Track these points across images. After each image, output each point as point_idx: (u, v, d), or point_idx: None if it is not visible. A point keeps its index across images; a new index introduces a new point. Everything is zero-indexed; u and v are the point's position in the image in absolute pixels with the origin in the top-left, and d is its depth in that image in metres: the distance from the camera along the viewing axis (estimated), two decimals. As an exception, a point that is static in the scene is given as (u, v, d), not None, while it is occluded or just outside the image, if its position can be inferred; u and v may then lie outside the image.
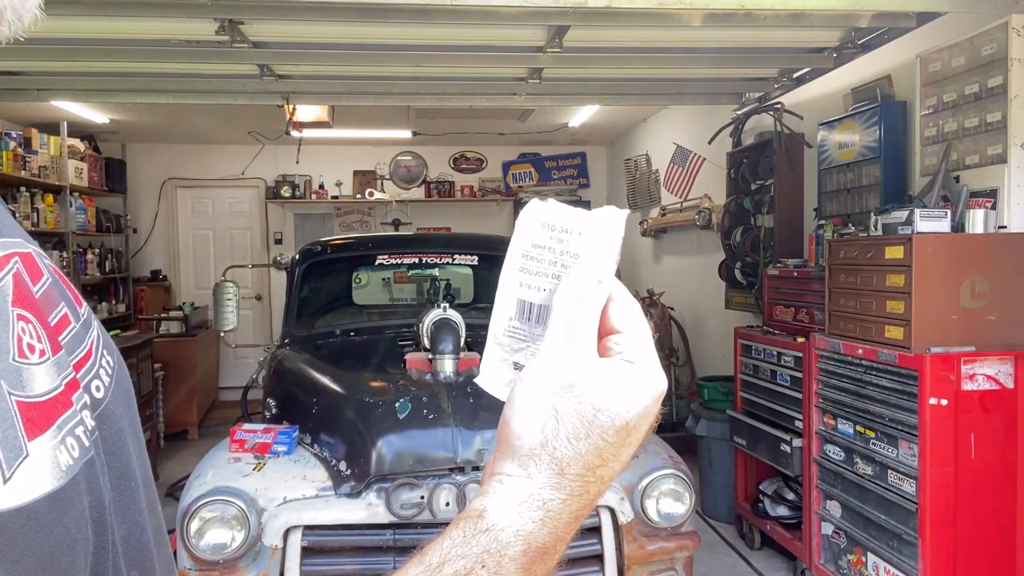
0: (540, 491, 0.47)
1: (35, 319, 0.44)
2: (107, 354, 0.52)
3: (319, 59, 3.96)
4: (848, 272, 3.25)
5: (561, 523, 0.47)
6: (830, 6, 3.04)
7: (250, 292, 8.15)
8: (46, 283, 0.47)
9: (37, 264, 0.47)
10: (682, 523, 2.61)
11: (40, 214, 6.11)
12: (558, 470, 0.48)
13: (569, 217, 0.52)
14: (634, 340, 0.50)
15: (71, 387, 0.45)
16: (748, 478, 4.34)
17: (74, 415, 0.44)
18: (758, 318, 4.67)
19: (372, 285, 4.87)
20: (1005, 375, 2.84)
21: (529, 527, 0.47)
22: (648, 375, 0.50)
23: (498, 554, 0.46)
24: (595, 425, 0.48)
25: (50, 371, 0.43)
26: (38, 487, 0.39)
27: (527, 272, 0.52)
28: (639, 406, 0.49)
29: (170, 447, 6.45)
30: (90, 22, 3.26)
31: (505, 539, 0.46)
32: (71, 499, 0.41)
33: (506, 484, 0.48)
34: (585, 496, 0.48)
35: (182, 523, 2.36)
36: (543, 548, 0.47)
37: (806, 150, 4.46)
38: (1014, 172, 2.99)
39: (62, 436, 0.42)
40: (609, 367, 0.49)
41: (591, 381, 0.49)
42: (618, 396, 0.48)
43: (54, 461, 0.41)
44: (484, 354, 0.54)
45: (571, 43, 3.59)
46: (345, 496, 2.45)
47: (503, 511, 0.47)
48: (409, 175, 8.35)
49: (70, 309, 0.48)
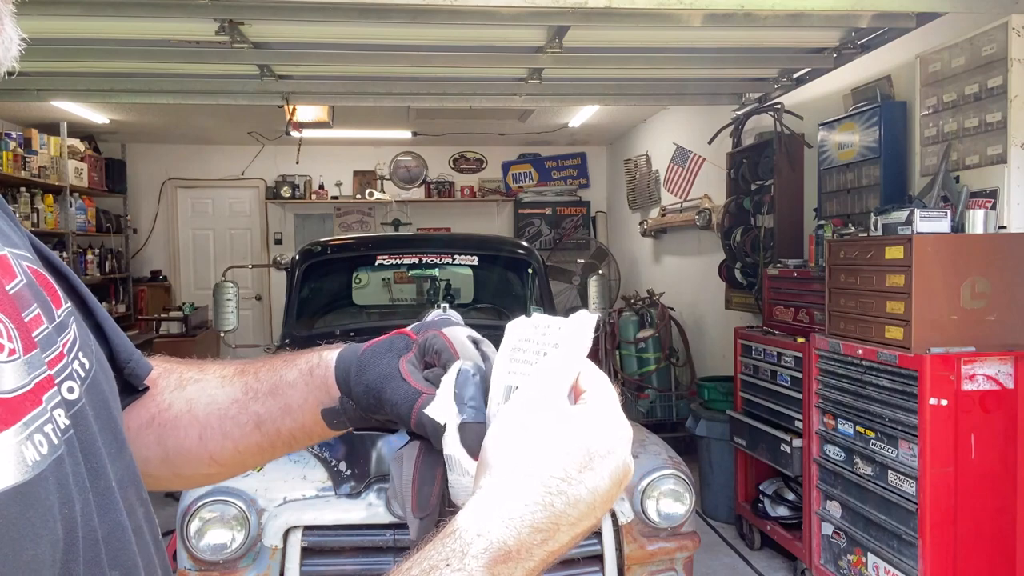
0: (505, 494, 0.50)
1: (7, 317, 0.44)
2: (82, 357, 0.53)
3: (319, 59, 3.96)
4: (848, 272, 3.25)
5: (524, 528, 0.49)
6: (830, 6, 3.04)
7: (250, 292, 8.15)
8: (19, 284, 0.48)
9: (11, 265, 0.48)
10: (682, 523, 2.61)
11: (40, 214, 6.11)
12: (524, 475, 0.51)
13: (550, 319, 0.60)
14: (599, 396, 0.56)
15: (43, 386, 0.45)
16: (748, 478, 4.34)
17: (43, 412, 0.44)
18: (758, 318, 4.67)
19: (372, 285, 4.88)
20: (1005, 375, 2.84)
21: (490, 526, 0.49)
22: (611, 419, 0.54)
23: (461, 552, 0.47)
24: (558, 444, 0.52)
25: (19, 369, 0.44)
26: (2, 480, 0.40)
27: (515, 361, 0.59)
28: (601, 438, 0.53)
29: (170, 447, 6.44)
30: (90, 22, 3.26)
31: (468, 538, 0.48)
32: (37, 494, 0.42)
33: (476, 495, 0.51)
34: (550, 508, 0.50)
35: (182, 523, 2.36)
36: (505, 549, 0.48)
37: (806, 150, 4.46)
38: (1014, 172, 2.99)
39: (29, 432, 0.42)
40: (575, 409, 0.55)
41: (558, 415, 0.53)
42: (580, 425, 0.53)
43: (19, 456, 0.41)
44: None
45: (571, 43, 3.59)
46: (345, 496, 2.45)
47: (469, 515, 0.50)
48: (409, 175, 8.35)
49: (44, 311, 0.49)
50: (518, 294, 4.14)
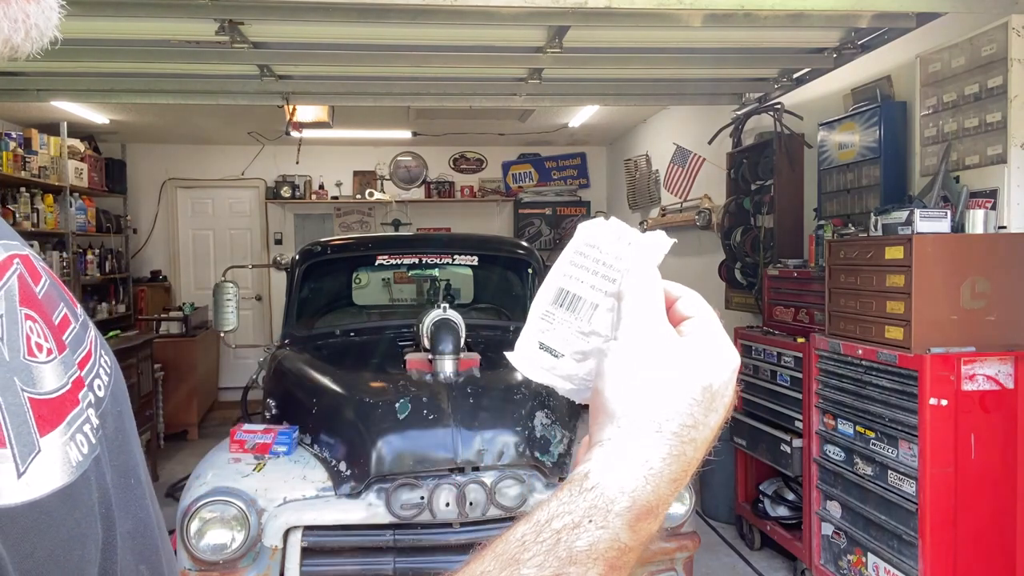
0: (642, 449, 0.49)
1: (41, 319, 0.45)
2: (104, 354, 0.53)
3: (319, 59, 3.96)
4: (848, 272, 3.25)
5: (663, 482, 0.49)
6: (830, 6, 3.04)
7: (250, 292, 8.15)
8: (46, 284, 0.48)
9: (35, 266, 0.47)
10: (682, 523, 2.61)
11: (40, 214, 6.11)
12: (656, 428, 0.50)
13: (624, 229, 0.57)
14: (705, 323, 0.54)
15: (77, 385, 0.45)
16: (748, 478, 4.34)
17: (81, 413, 0.45)
18: (758, 318, 4.67)
19: (372, 285, 4.87)
20: (1005, 375, 2.84)
21: (632, 484, 0.48)
22: (723, 349, 0.53)
23: (604, 510, 0.47)
24: (683, 388, 0.50)
25: (57, 369, 0.44)
26: (50, 482, 0.40)
27: (575, 266, 0.57)
28: (719, 372, 0.52)
29: (170, 447, 6.45)
30: (90, 22, 3.26)
31: (611, 495, 0.48)
32: (81, 494, 0.42)
33: (607, 447, 0.50)
34: (682, 458, 0.49)
35: (182, 523, 2.36)
36: (647, 506, 0.48)
37: (806, 150, 4.46)
38: (1014, 172, 2.99)
39: (71, 433, 0.43)
40: (688, 341, 0.53)
41: (674, 352, 0.52)
42: (700, 363, 0.51)
43: (65, 457, 0.41)
44: (522, 331, 0.58)
45: (571, 43, 3.59)
46: (345, 496, 2.44)
47: (607, 470, 0.49)
48: (409, 175, 8.35)
49: (69, 310, 0.49)
50: (518, 294, 4.14)
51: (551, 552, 0.46)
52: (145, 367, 5.85)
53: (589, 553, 0.46)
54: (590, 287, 0.56)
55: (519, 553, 0.46)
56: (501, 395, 2.71)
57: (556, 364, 0.57)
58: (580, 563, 0.46)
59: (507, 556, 0.47)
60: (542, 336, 0.57)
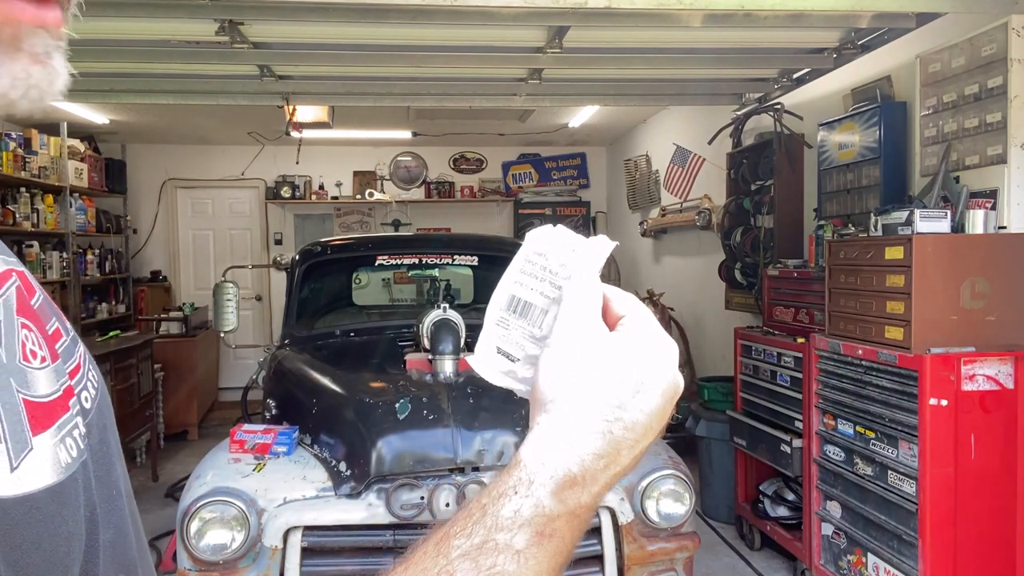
0: (565, 428, 0.52)
1: (36, 328, 0.47)
2: (92, 369, 0.55)
3: (319, 60, 3.96)
4: (848, 273, 3.25)
5: (587, 456, 0.51)
6: (830, 6, 3.04)
7: (250, 292, 8.15)
8: (40, 299, 0.50)
9: (30, 282, 0.50)
10: (682, 523, 2.61)
11: (40, 215, 6.11)
12: (579, 408, 0.53)
13: (569, 236, 0.60)
14: (635, 319, 0.57)
15: (68, 393, 0.48)
16: (748, 479, 4.34)
17: (71, 419, 0.47)
18: (758, 318, 4.67)
19: (372, 286, 4.87)
20: (1005, 375, 2.84)
21: (554, 456, 0.51)
22: (653, 339, 0.56)
23: (527, 481, 0.51)
24: (607, 373, 0.53)
25: (50, 376, 0.46)
26: (42, 479, 0.42)
27: (524, 273, 0.59)
28: (645, 359, 0.54)
29: (170, 447, 6.45)
30: (90, 22, 3.26)
31: (533, 467, 0.51)
32: (69, 495, 0.44)
33: (535, 431, 0.54)
34: (608, 436, 0.52)
35: (182, 524, 2.36)
36: (570, 476, 0.51)
37: (806, 150, 4.46)
38: (1014, 172, 2.99)
39: (62, 436, 0.45)
40: (617, 335, 0.56)
41: (601, 344, 0.55)
42: (625, 351, 0.54)
43: (55, 457, 0.43)
44: (480, 335, 0.61)
45: (571, 44, 3.59)
46: (345, 497, 2.44)
47: (531, 447, 0.53)
48: (409, 175, 8.35)
49: (61, 324, 0.52)
50: (518, 294, 4.14)
51: (479, 523, 0.49)
52: (145, 367, 5.85)
53: (514, 520, 0.49)
54: (539, 293, 0.59)
55: (450, 528, 0.50)
56: (501, 395, 2.71)
57: (513, 368, 0.60)
58: (506, 529, 0.49)
59: (440, 534, 0.50)
60: (499, 341, 0.60)
